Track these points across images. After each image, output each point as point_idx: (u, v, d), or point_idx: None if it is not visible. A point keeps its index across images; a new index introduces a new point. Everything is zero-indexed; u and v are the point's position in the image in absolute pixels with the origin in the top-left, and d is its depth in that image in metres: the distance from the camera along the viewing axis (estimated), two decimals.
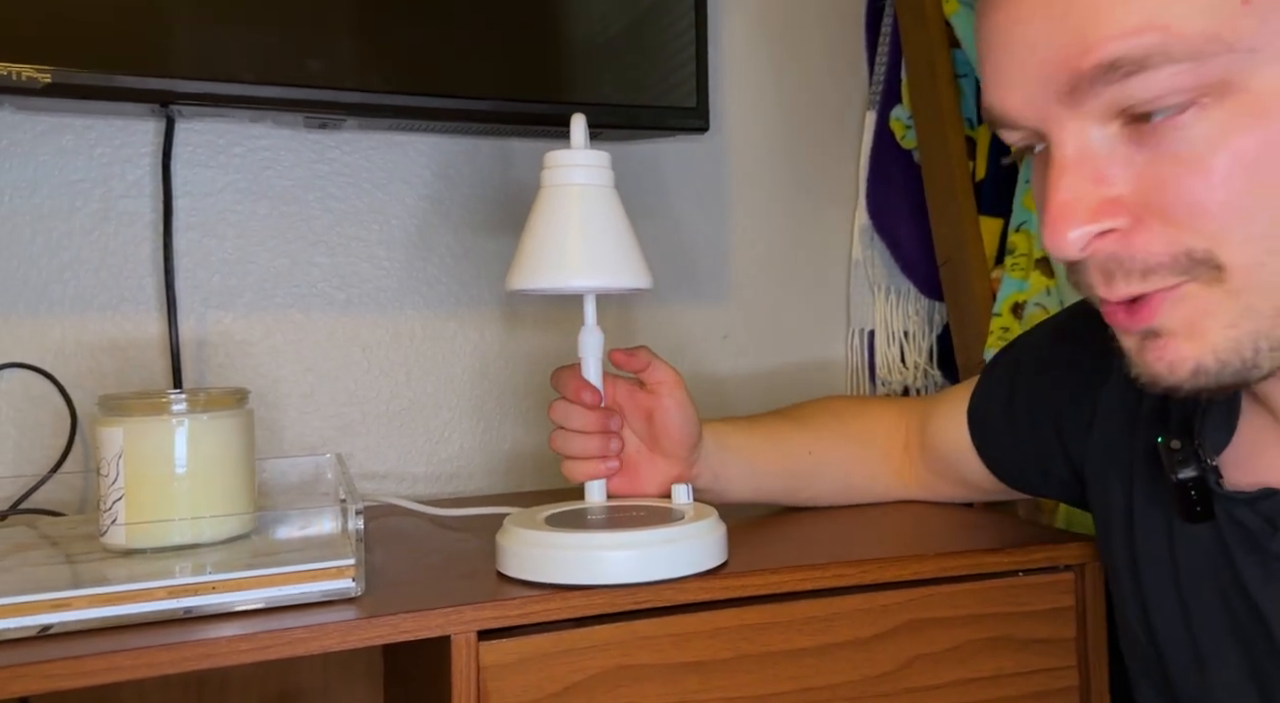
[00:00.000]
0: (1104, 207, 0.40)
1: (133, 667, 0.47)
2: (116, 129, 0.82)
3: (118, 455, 0.59)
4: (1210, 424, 0.48)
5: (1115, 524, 0.56)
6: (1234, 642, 0.48)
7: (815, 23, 1.04)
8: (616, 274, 0.61)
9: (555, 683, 0.55)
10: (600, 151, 0.62)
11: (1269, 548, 0.45)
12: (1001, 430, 0.63)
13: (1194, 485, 0.47)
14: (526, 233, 0.62)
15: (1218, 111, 0.37)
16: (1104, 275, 0.41)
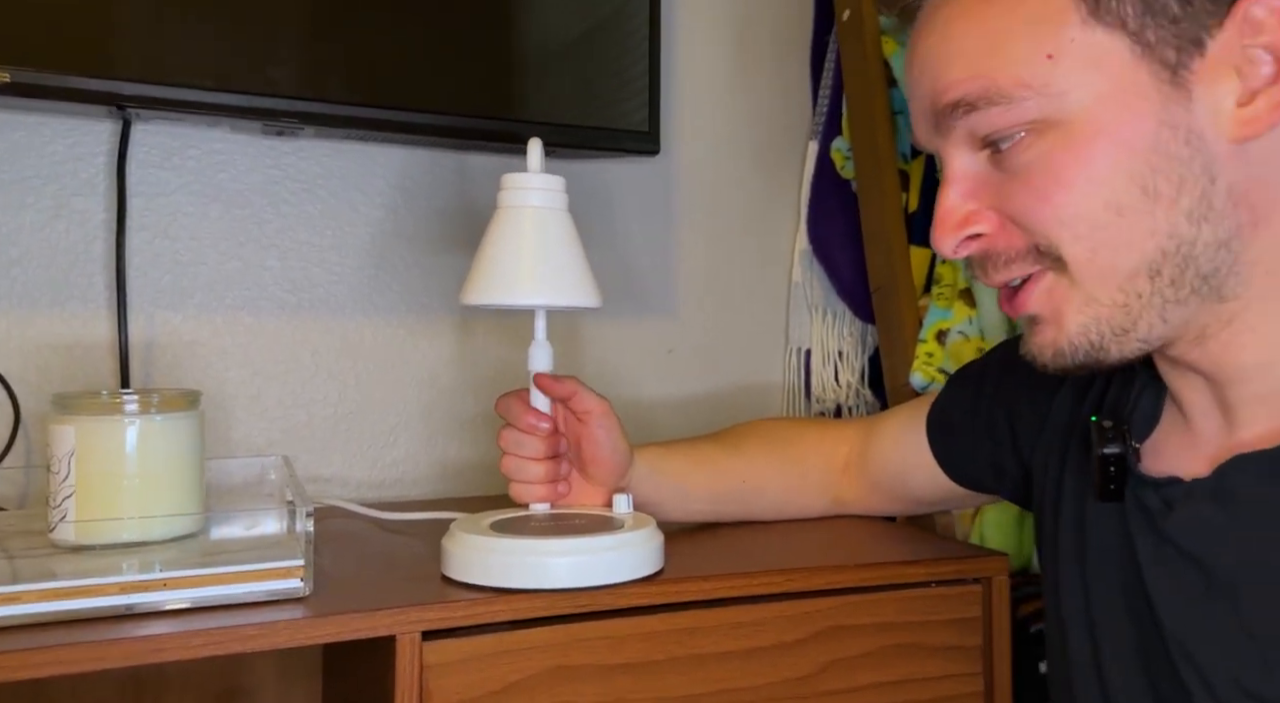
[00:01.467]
0: (972, 216, 0.50)
1: (82, 660, 0.49)
2: (70, 127, 0.82)
3: (69, 453, 0.60)
4: (1139, 414, 0.55)
5: (1046, 512, 0.61)
6: (1126, 617, 0.53)
7: (764, 54, 1.09)
8: (567, 293, 0.64)
9: (495, 683, 0.58)
10: (555, 176, 0.65)
11: (1163, 530, 0.51)
12: (961, 435, 0.69)
13: (1115, 463, 0.54)
14: (482, 250, 0.65)
15: (1042, 141, 0.46)
16: (980, 268, 0.51)
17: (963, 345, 0.86)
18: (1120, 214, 0.45)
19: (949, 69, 0.48)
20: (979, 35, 0.47)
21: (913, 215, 0.97)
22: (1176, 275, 0.46)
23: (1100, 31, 0.45)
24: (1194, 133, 0.45)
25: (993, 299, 0.86)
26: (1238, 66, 0.44)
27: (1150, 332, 0.48)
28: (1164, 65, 0.44)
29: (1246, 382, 0.48)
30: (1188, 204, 0.45)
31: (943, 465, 0.70)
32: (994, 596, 0.69)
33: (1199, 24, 0.44)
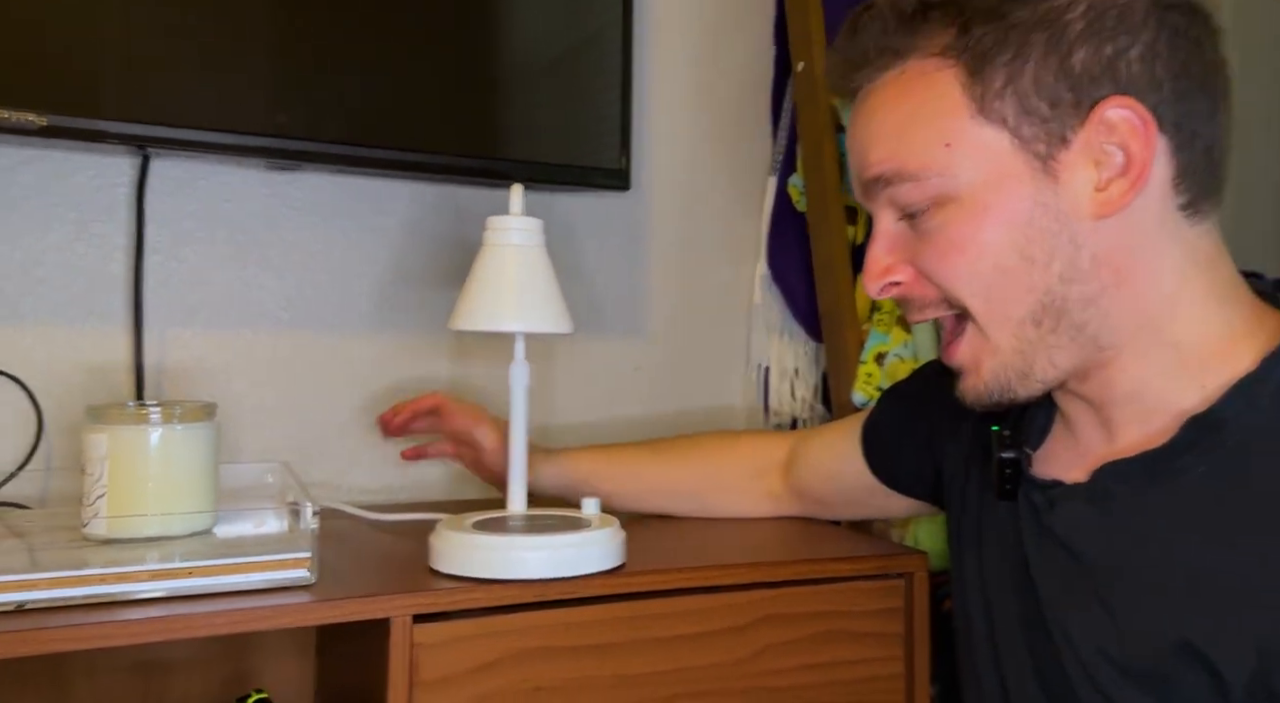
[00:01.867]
0: (893, 268, 0.60)
1: (121, 635, 0.57)
2: (93, 161, 0.90)
3: (103, 458, 0.68)
4: (1034, 427, 0.65)
5: (954, 510, 0.71)
6: (1013, 596, 0.63)
7: (727, 97, 1.18)
8: (542, 320, 0.73)
9: (476, 661, 0.66)
10: (534, 219, 0.75)
11: (1045, 523, 0.61)
12: (890, 442, 0.79)
13: (1010, 466, 0.64)
14: (470, 282, 0.74)
15: (943, 212, 0.56)
16: (904, 308, 0.62)
17: (899, 366, 0.96)
18: (1004, 274, 0.55)
19: (871, 150, 0.58)
20: (893, 124, 0.57)
21: (859, 248, 1.07)
22: (1054, 325, 0.56)
23: (986, 127, 0.54)
24: (1061, 211, 0.54)
25: (927, 325, 0.96)
26: (1096, 158, 0.54)
27: (1046, 373, 0.57)
28: (1036, 156, 0.54)
29: (1120, 407, 0.58)
30: (1058, 268, 0.55)
31: (872, 468, 0.80)
32: (915, 589, 0.79)
33: (1064, 124, 0.53)
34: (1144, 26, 0.53)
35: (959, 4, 0.54)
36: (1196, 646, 0.51)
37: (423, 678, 0.65)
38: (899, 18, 0.56)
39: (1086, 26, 0.52)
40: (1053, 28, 0.53)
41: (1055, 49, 0.53)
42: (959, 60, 0.54)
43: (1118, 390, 0.58)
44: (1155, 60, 0.53)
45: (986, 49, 0.53)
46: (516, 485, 0.76)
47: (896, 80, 0.57)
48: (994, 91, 0.54)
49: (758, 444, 0.90)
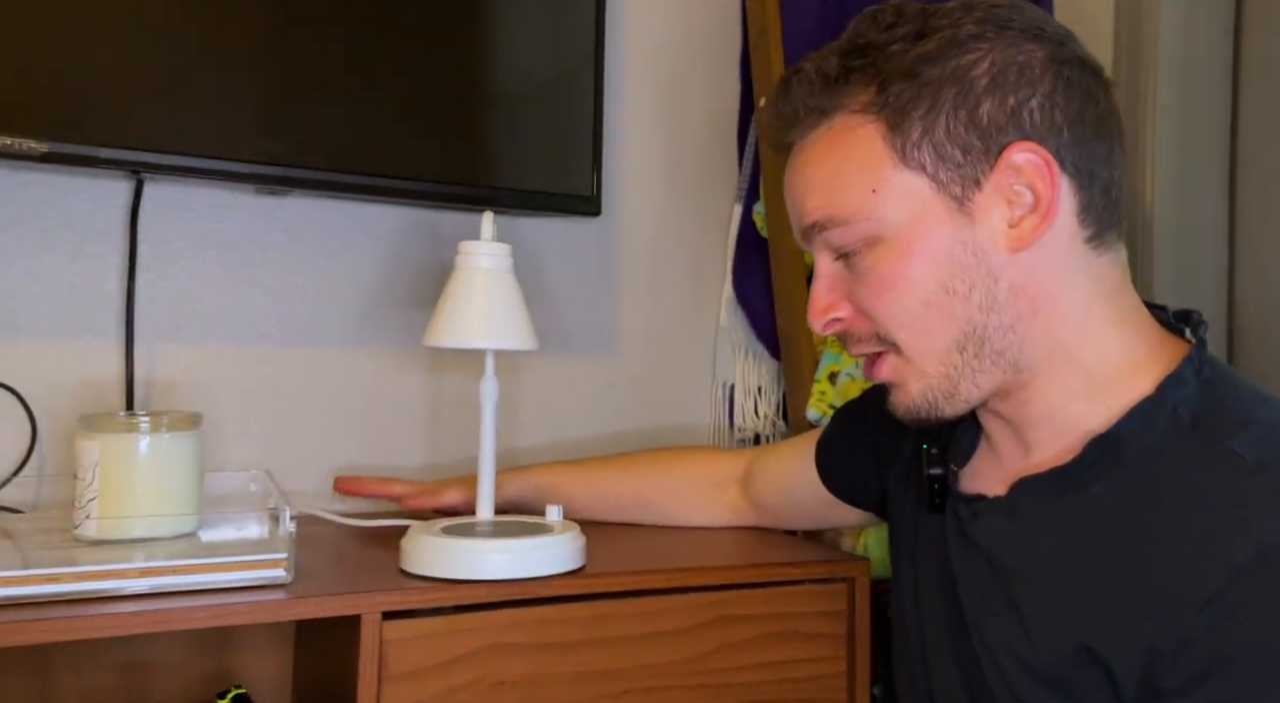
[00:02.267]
0: (833, 305, 0.65)
1: (112, 627, 0.62)
2: (88, 184, 0.95)
3: (95, 464, 0.72)
4: (960, 447, 0.71)
5: (894, 524, 0.77)
6: (940, 603, 0.68)
7: (694, 127, 1.24)
8: (509, 338, 0.79)
9: (443, 656, 0.71)
10: (502, 244, 0.80)
11: (968, 534, 0.66)
12: (840, 457, 0.84)
13: (938, 482, 0.69)
14: (443, 301, 0.80)
15: (874, 253, 0.61)
16: (844, 342, 0.67)
17: (850, 385, 1.01)
18: (929, 307, 0.60)
19: (806, 199, 0.63)
20: (824, 175, 0.62)
21: None
22: (977, 350, 0.61)
23: (908, 173, 0.60)
24: (979, 246, 0.60)
25: None
26: (1007, 198, 0.59)
27: (970, 394, 0.63)
28: (953, 198, 0.60)
29: (1035, 427, 0.64)
30: (978, 299, 0.60)
31: (824, 481, 0.85)
32: (857, 593, 0.84)
33: (976, 168, 0.59)
34: (1042, 79, 0.59)
35: (877, 66, 0.60)
36: (1093, 648, 0.56)
37: (391, 672, 0.69)
38: (824, 80, 0.61)
39: (991, 81, 0.58)
40: (961, 83, 0.59)
41: (964, 102, 0.59)
42: (879, 116, 0.60)
43: (1033, 411, 0.63)
44: (1054, 109, 0.59)
45: (903, 105, 0.59)
46: (484, 494, 0.81)
47: (825, 136, 0.62)
48: (912, 142, 0.59)
49: (717, 460, 0.96)
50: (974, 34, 0.59)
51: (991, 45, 0.59)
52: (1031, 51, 0.59)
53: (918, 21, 0.60)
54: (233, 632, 0.92)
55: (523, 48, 1.05)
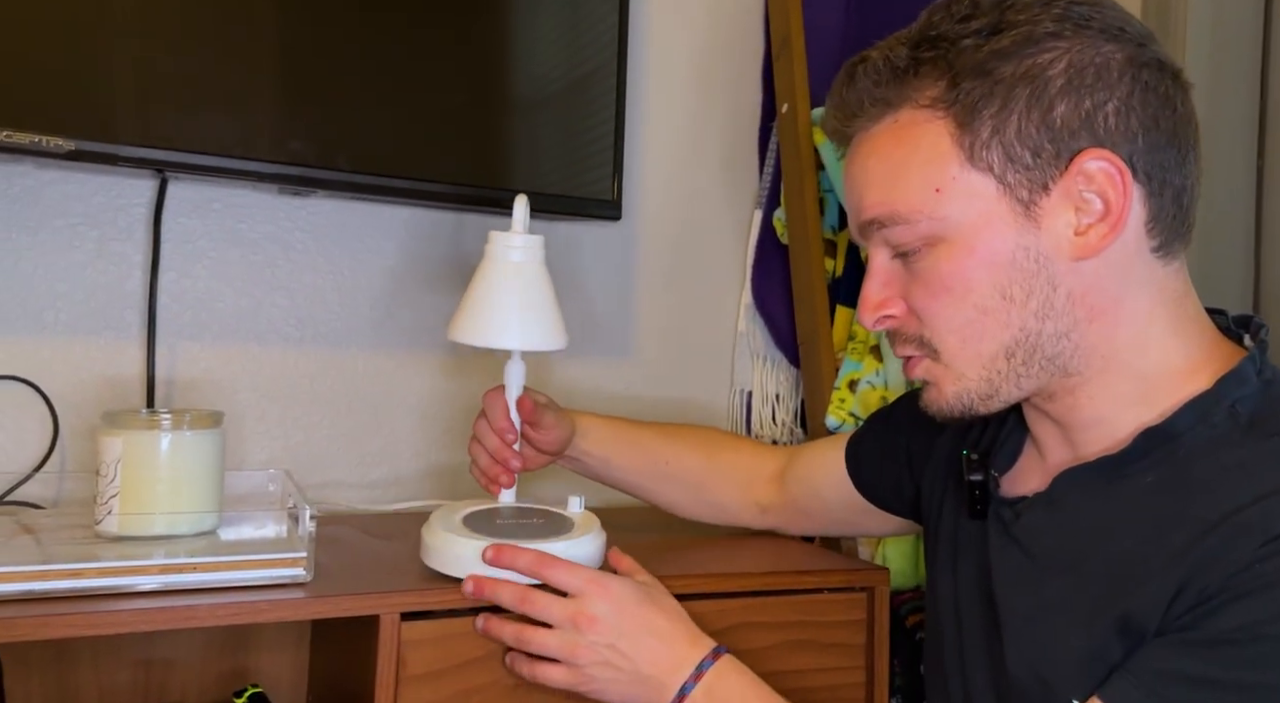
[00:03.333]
0: (886, 302, 0.64)
1: (134, 623, 0.62)
2: (113, 183, 0.96)
3: (116, 460, 0.73)
4: (1003, 453, 0.70)
5: (929, 529, 0.76)
6: (978, 604, 0.67)
7: (717, 133, 1.24)
8: (538, 337, 0.78)
9: (460, 657, 0.71)
10: (535, 236, 0.78)
11: (1010, 533, 0.65)
12: (871, 461, 0.83)
13: (978, 488, 0.68)
14: (469, 294, 0.78)
15: (933, 253, 0.61)
16: (891, 341, 0.66)
17: (870, 394, 1.01)
18: (984, 313, 0.60)
19: (865, 194, 0.62)
20: (886, 170, 0.61)
21: (839, 279, 1.12)
22: (1026, 357, 0.60)
23: (974, 173, 0.59)
24: (1041, 253, 0.59)
25: None
26: (1075, 205, 0.58)
27: (1009, 396, 0.62)
28: (1019, 201, 0.58)
29: (1085, 430, 0.63)
30: (1034, 306, 0.59)
31: (855, 484, 0.84)
32: (876, 603, 0.83)
33: (1045, 173, 0.58)
34: (1120, 82, 0.57)
35: (948, 59, 0.58)
36: (1131, 616, 0.55)
37: (409, 673, 0.69)
38: (891, 70, 0.60)
39: (1067, 82, 0.57)
40: (1035, 83, 0.57)
41: (1038, 103, 0.57)
42: (948, 112, 0.58)
43: (1083, 415, 0.62)
44: (1130, 114, 0.58)
45: (975, 102, 0.58)
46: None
47: (889, 129, 0.61)
48: (981, 141, 0.58)
49: (757, 454, 0.93)
50: (1051, 32, 0.57)
51: (1069, 44, 0.57)
52: (1110, 53, 0.58)
53: (993, 15, 0.58)
54: (249, 630, 0.92)
55: (545, 51, 1.05)
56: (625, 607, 0.69)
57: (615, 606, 0.69)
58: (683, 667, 0.68)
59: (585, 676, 0.69)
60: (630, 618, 0.69)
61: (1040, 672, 0.60)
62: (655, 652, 0.68)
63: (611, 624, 0.68)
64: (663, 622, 0.70)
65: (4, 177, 0.92)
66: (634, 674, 0.68)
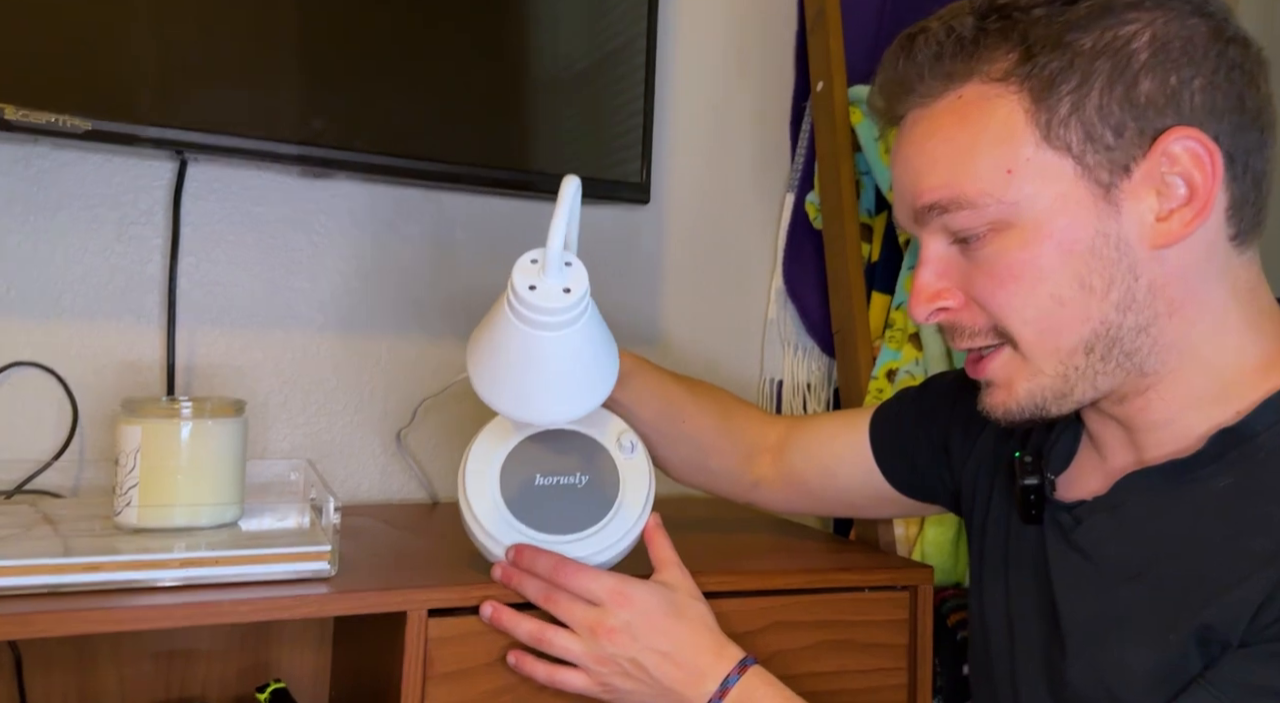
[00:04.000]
0: (942, 293, 0.60)
1: (153, 619, 0.60)
2: (132, 164, 0.93)
3: (135, 449, 0.70)
4: (1056, 453, 0.66)
5: (974, 526, 0.72)
6: (1035, 614, 0.63)
7: (748, 115, 1.21)
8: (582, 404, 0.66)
9: (488, 655, 0.68)
10: (577, 280, 0.61)
11: (1071, 540, 0.61)
12: (901, 443, 0.78)
13: (1034, 492, 0.64)
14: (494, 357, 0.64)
15: (1000, 239, 0.56)
16: (949, 335, 0.61)
17: (909, 383, 0.97)
18: (1061, 304, 0.55)
19: (926, 177, 0.58)
20: (950, 151, 0.56)
21: (874, 265, 1.09)
22: (1105, 352, 0.56)
23: (1050, 154, 0.54)
24: (1122, 239, 0.55)
25: (937, 344, 0.98)
26: (1157, 189, 0.54)
27: (1084, 396, 0.58)
28: (1099, 184, 0.54)
29: (1153, 431, 0.59)
30: (1115, 297, 0.55)
31: (881, 466, 0.78)
32: (919, 602, 0.80)
33: (1128, 154, 0.54)
34: (1205, 59, 0.53)
35: (1020, 31, 0.54)
36: (1214, 627, 0.52)
37: (436, 671, 0.67)
38: (956, 42, 0.56)
39: (1151, 56, 0.53)
40: (1117, 56, 0.53)
41: (1120, 78, 0.53)
42: (1022, 86, 0.54)
43: (1153, 416, 0.58)
44: (1216, 92, 0.54)
45: (1052, 76, 0.53)
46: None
47: (953, 105, 0.56)
48: (1060, 118, 0.54)
49: (762, 421, 0.86)
50: (1130, 2, 0.54)
51: (1151, 16, 0.54)
52: (1195, 26, 0.54)
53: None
54: (271, 624, 0.91)
55: (573, 31, 1.01)
56: (649, 618, 0.66)
57: (638, 617, 0.66)
58: (707, 682, 0.65)
59: (605, 685, 0.66)
60: (653, 631, 0.66)
61: (1108, 684, 0.56)
62: (678, 667, 0.66)
63: (633, 637, 0.65)
64: (687, 635, 0.67)
65: (21, 158, 0.90)
66: (656, 688, 0.66)
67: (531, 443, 0.73)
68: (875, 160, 1.04)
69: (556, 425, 0.71)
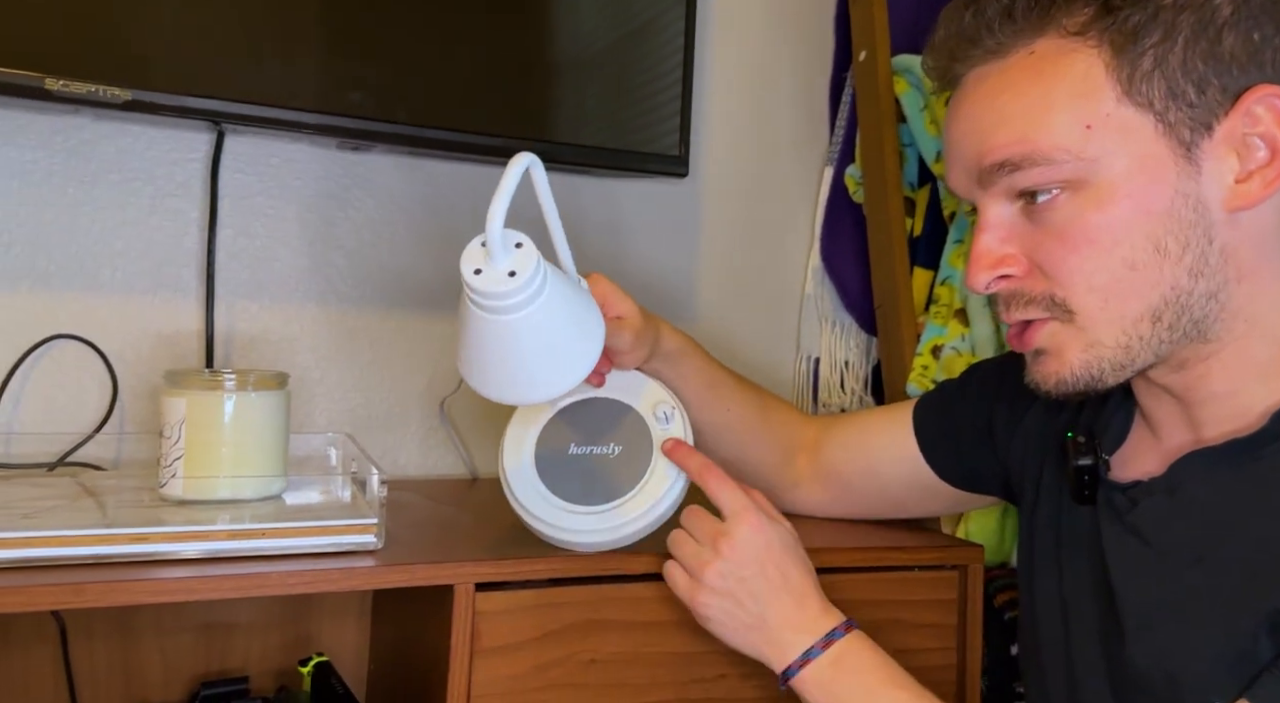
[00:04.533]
0: (1004, 259, 0.57)
1: (202, 590, 0.59)
2: (169, 136, 0.93)
3: (180, 422, 0.70)
4: (1109, 432, 0.64)
5: (1025, 511, 0.70)
6: (1090, 597, 0.62)
7: (786, 86, 1.18)
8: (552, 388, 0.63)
9: (535, 630, 0.68)
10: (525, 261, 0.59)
11: (1126, 522, 0.60)
12: (948, 437, 0.76)
13: (1087, 472, 0.62)
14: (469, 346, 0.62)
15: (1075, 199, 0.54)
16: (1004, 305, 0.59)
17: (955, 360, 0.95)
18: (1133, 268, 0.53)
19: (995, 133, 0.55)
20: (1024, 105, 0.54)
21: (917, 239, 1.06)
22: (1174, 320, 0.54)
23: (1131, 109, 0.52)
24: (1200, 201, 0.53)
25: (984, 319, 0.95)
26: (1238, 149, 0.52)
27: (1144, 364, 0.56)
28: (1180, 142, 0.52)
29: (1210, 405, 0.57)
30: (1190, 261, 0.53)
31: (927, 456, 0.77)
32: (970, 582, 0.78)
33: (1210, 111, 0.52)
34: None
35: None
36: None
37: (483, 646, 0.66)
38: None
39: (1234, 11, 0.51)
40: (1201, 10, 0.51)
41: (1204, 32, 0.51)
42: (1102, 39, 0.52)
43: (1212, 387, 0.57)
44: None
45: (1134, 29, 0.52)
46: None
47: (1025, 61, 0.54)
48: (1142, 73, 0.52)
49: (798, 419, 0.85)
50: None
51: None
52: None
53: None
54: (312, 597, 0.91)
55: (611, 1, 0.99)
56: (770, 548, 0.65)
57: (761, 542, 0.65)
58: (811, 630, 0.64)
59: (702, 599, 0.65)
60: (771, 561, 0.65)
61: (1170, 669, 0.55)
62: (785, 605, 0.64)
63: (749, 558, 0.64)
64: (800, 580, 0.66)
65: (61, 130, 0.89)
66: (756, 618, 0.64)
67: (569, 413, 0.72)
68: (920, 131, 1.02)
69: (538, 404, 0.69)
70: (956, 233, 1.01)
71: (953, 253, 1.01)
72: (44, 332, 0.88)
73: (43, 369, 0.88)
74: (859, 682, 0.63)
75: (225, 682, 0.85)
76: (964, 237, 1.00)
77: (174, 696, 0.87)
